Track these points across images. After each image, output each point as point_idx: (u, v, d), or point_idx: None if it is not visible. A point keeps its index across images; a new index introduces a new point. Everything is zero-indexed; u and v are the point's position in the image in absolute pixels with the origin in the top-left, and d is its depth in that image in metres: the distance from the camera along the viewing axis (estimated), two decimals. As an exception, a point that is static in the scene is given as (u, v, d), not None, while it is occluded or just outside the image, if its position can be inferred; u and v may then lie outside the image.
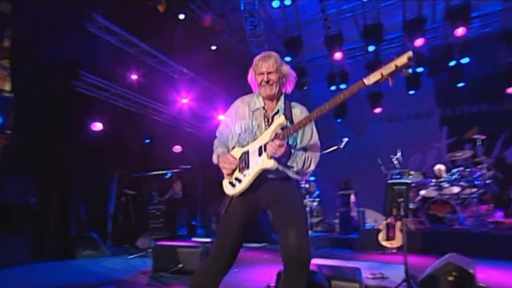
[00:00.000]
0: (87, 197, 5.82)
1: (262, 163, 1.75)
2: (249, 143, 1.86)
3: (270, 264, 4.35)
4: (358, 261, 4.47)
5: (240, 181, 1.80)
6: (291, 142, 1.84)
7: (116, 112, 6.27)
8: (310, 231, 5.77)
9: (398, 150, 5.90)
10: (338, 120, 8.93)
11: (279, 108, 1.91)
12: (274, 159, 1.72)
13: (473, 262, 2.88)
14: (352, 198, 7.02)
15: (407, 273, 2.79)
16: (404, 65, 1.50)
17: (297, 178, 1.88)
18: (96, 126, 5.84)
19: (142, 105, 6.78)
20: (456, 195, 5.43)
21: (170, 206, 6.68)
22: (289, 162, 1.80)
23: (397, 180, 5.09)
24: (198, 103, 7.49)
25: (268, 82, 1.85)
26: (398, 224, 5.05)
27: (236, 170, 1.83)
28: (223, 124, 2.06)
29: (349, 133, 7.92)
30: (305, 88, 8.60)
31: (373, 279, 3.33)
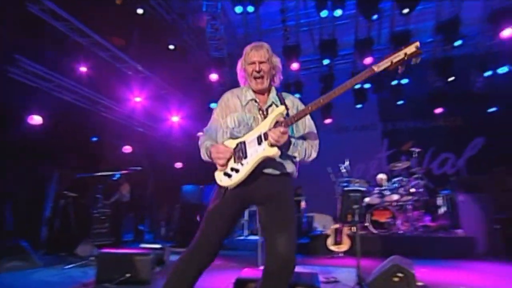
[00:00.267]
0: (19, 199, 5.18)
1: (263, 151, 1.65)
2: (244, 135, 1.76)
3: (223, 271, 4.21)
4: (310, 265, 4.61)
5: (237, 171, 1.69)
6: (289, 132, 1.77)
7: (60, 105, 5.71)
8: (259, 237, 5.86)
9: (346, 160, 6.34)
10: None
11: (273, 100, 1.85)
12: (277, 147, 1.64)
13: (412, 263, 3.19)
14: (303, 204, 7.31)
15: (360, 276, 2.97)
16: (413, 53, 1.52)
17: (293, 173, 1.83)
18: (34, 120, 5.26)
19: (90, 100, 6.29)
20: (395, 202, 5.97)
21: (116, 210, 6.26)
22: (290, 152, 1.74)
23: (348, 188, 5.44)
24: (152, 103, 7.19)
25: (259, 72, 1.78)
26: (346, 229, 5.40)
27: (231, 161, 1.72)
28: (211, 119, 1.93)
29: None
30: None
31: (327, 283, 3.45)
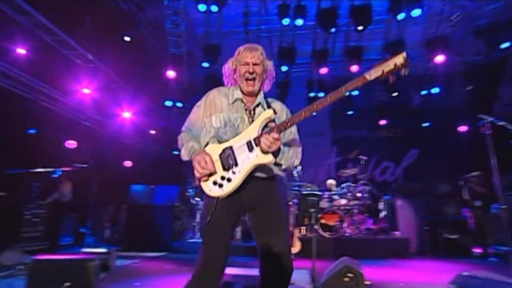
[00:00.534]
0: None
1: (257, 158, 1.60)
2: (229, 137, 1.71)
3: (174, 275, 4.07)
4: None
5: (229, 180, 1.61)
6: None
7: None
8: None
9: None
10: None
11: (260, 101, 1.81)
12: (272, 153, 1.60)
13: (360, 263, 3.40)
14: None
15: (314, 278, 3.08)
16: (402, 64, 1.56)
17: (282, 175, 1.80)
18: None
19: (30, 87, 5.63)
20: (343, 206, 6.33)
21: (54, 211, 5.66)
22: (278, 159, 1.69)
23: (304, 191, 5.63)
24: (102, 96, 6.69)
25: (252, 74, 1.75)
26: (296, 232, 5.57)
27: (219, 168, 1.64)
28: (193, 116, 1.84)
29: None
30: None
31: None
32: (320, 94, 8.95)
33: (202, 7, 6.09)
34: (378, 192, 7.50)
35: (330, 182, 6.97)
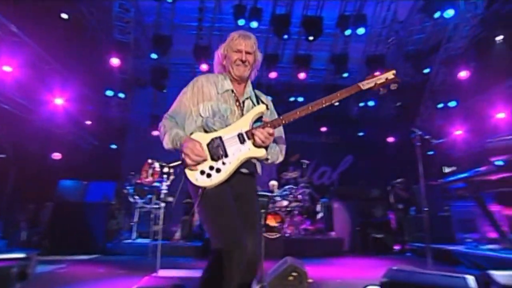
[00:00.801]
0: None
1: (249, 151, 1.63)
2: (218, 128, 1.68)
3: (107, 279, 3.75)
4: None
5: (218, 170, 1.59)
6: None
7: None
8: (150, 240, 5.51)
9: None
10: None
11: (249, 94, 1.83)
12: (264, 148, 1.63)
13: (303, 263, 3.55)
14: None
15: (262, 277, 3.13)
16: (392, 80, 1.74)
17: (260, 173, 1.84)
18: None
19: None
20: (284, 207, 6.56)
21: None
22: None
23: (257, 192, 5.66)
24: (26, 77, 5.84)
25: (244, 62, 1.76)
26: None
27: (209, 158, 1.60)
28: (179, 103, 1.77)
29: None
30: (164, 90, 8.34)
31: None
32: (269, 97, 9.17)
33: (155, -5, 5.79)
34: (318, 194, 7.97)
35: (273, 183, 7.16)
